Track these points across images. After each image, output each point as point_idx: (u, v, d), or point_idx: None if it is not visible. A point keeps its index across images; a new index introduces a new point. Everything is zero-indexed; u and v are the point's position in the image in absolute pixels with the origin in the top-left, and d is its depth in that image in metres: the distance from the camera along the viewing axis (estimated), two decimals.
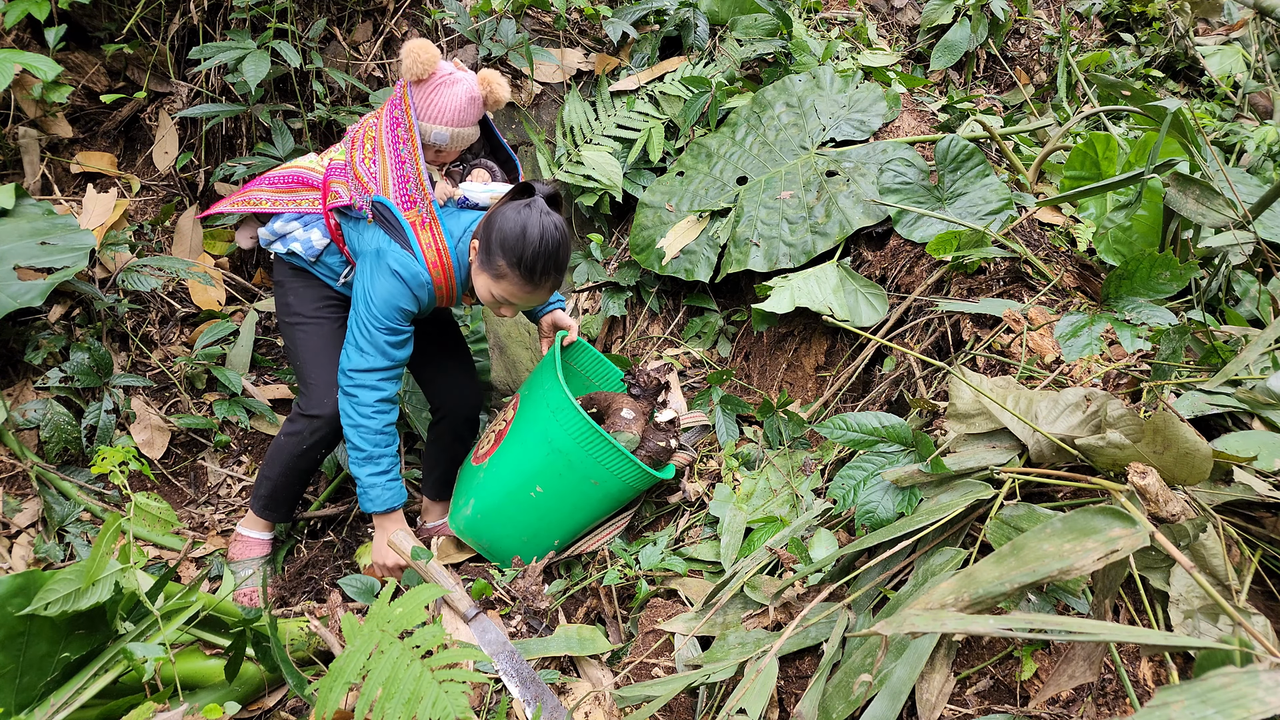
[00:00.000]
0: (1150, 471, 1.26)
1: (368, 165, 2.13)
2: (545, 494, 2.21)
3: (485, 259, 1.99)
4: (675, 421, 2.36)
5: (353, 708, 1.65)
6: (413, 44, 2.07)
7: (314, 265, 2.27)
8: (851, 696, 1.34)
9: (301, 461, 2.27)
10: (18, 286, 2.29)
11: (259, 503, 2.35)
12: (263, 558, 2.37)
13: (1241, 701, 0.78)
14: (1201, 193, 2.03)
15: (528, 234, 1.92)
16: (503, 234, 1.94)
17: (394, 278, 2.04)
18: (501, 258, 1.94)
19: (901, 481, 1.63)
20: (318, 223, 2.24)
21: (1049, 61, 4.64)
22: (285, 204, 2.25)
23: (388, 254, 2.05)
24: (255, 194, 2.30)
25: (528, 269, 1.94)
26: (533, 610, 2.08)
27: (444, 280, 2.11)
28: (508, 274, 1.96)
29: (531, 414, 2.24)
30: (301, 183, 2.26)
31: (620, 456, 2.15)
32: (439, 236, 2.08)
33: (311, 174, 2.26)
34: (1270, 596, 1.33)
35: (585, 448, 2.14)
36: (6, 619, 1.41)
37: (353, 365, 2.09)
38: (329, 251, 2.25)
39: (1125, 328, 1.89)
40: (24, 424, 2.42)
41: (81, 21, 2.90)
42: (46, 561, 2.26)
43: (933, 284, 2.43)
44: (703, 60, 3.44)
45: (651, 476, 2.22)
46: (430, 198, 2.07)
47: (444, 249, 2.08)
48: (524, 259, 1.93)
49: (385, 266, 2.05)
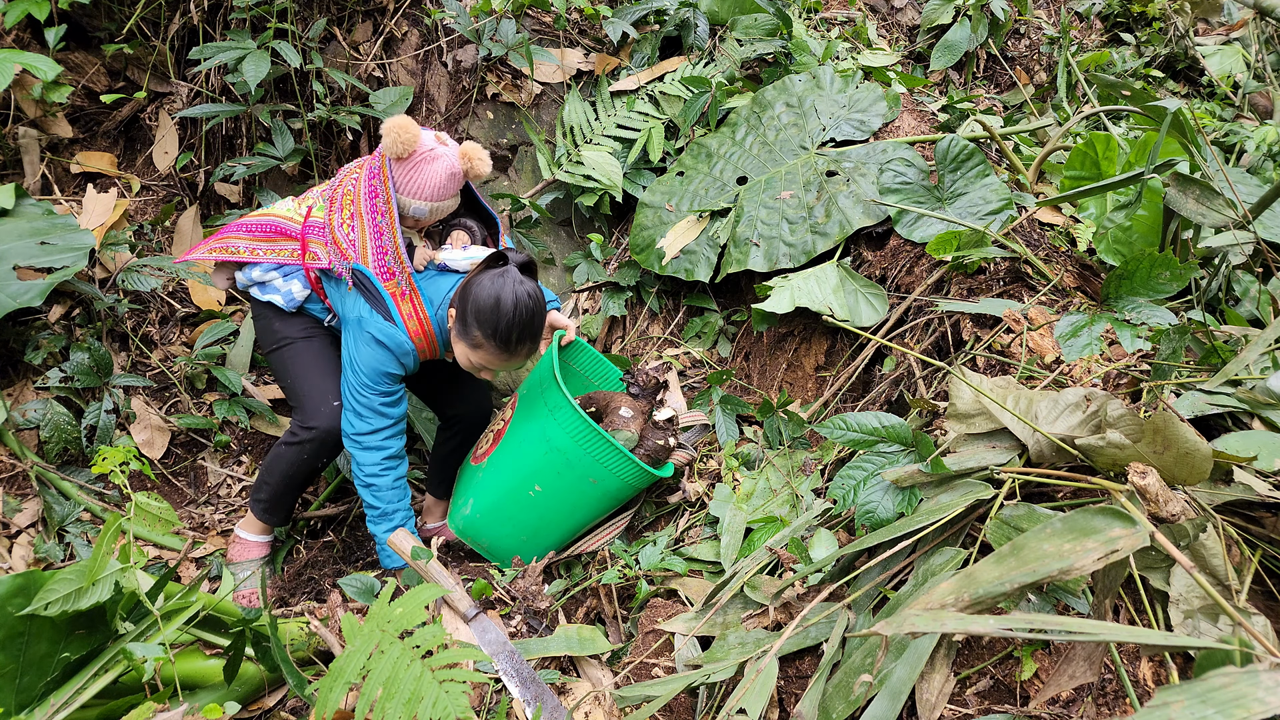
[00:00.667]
0: (1150, 471, 1.26)
1: (346, 231, 2.15)
2: (544, 493, 2.21)
3: (462, 329, 2.04)
4: (674, 420, 2.37)
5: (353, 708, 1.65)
6: (394, 122, 2.09)
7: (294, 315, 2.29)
8: (851, 696, 1.34)
9: (302, 470, 2.28)
10: (17, 286, 2.29)
11: (258, 506, 2.35)
12: (262, 559, 2.38)
13: (1241, 701, 0.78)
14: (1201, 193, 2.03)
15: (501, 305, 1.97)
16: (477, 305, 1.99)
17: (377, 346, 2.09)
18: (477, 329, 2.00)
19: (901, 481, 1.63)
20: (298, 274, 2.24)
21: (1049, 61, 4.64)
22: (264, 254, 2.24)
23: (369, 323, 2.10)
24: (232, 241, 2.28)
25: (503, 339, 2.00)
26: (533, 610, 2.08)
27: (427, 346, 2.17)
28: (484, 344, 2.02)
29: (529, 413, 2.24)
30: (279, 232, 2.25)
31: (619, 455, 2.15)
32: (419, 306, 2.12)
33: (289, 224, 2.25)
34: (1270, 596, 1.33)
35: (583, 446, 2.14)
36: (6, 619, 1.41)
37: (355, 430, 2.14)
38: (310, 301, 2.27)
39: (1125, 328, 1.89)
40: (24, 424, 2.42)
41: (81, 21, 2.90)
42: (46, 561, 2.26)
43: (933, 284, 2.43)
44: (703, 60, 3.44)
45: (650, 475, 2.22)
46: (408, 270, 2.11)
47: (425, 318, 2.13)
48: (499, 329, 1.99)
49: (367, 335, 2.09)
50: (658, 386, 2.41)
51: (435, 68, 3.25)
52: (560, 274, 3.27)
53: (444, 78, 3.25)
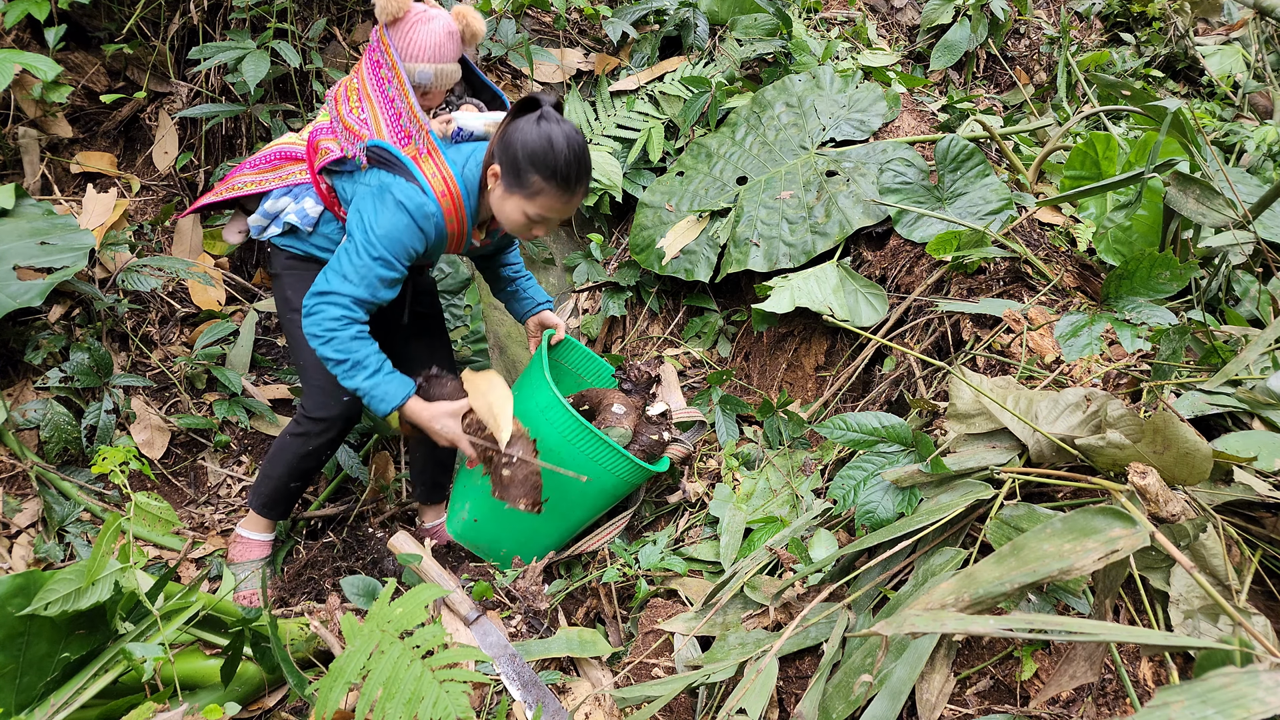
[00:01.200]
0: (1150, 471, 1.26)
1: (356, 114, 2.05)
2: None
3: (515, 180, 1.90)
4: (667, 414, 2.36)
5: (353, 708, 1.65)
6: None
7: (311, 238, 2.16)
8: (851, 696, 1.34)
9: (306, 462, 2.25)
10: (17, 286, 2.29)
11: (258, 500, 2.33)
12: (263, 559, 2.37)
13: (1241, 701, 0.78)
14: (1201, 193, 2.03)
15: (555, 145, 1.86)
16: (529, 150, 1.87)
17: (399, 210, 1.92)
18: (534, 173, 1.87)
19: (901, 481, 1.63)
20: (308, 191, 2.15)
21: (1049, 61, 4.64)
22: (271, 181, 2.17)
23: (392, 187, 1.94)
24: (237, 179, 2.22)
25: (563, 179, 1.88)
26: (533, 611, 2.08)
27: (454, 210, 2.00)
28: (544, 188, 1.89)
29: (521, 414, 2.23)
30: (285, 158, 2.19)
31: (612, 452, 2.14)
32: (442, 165, 1.97)
33: (294, 148, 2.19)
34: (1270, 596, 1.33)
35: (577, 445, 2.14)
36: (6, 619, 1.41)
37: (328, 288, 1.93)
38: (325, 220, 2.15)
39: (1125, 327, 1.89)
40: (24, 424, 2.42)
41: (81, 21, 2.90)
42: (46, 561, 2.26)
43: (933, 284, 2.43)
44: (703, 60, 3.44)
45: (646, 470, 2.22)
46: (426, 128, 1.98)
47: (449, 176, 1.97)
48: (558, 170, 1.87)
49: (389, 199, 1.93)
50: (650, 381, 2.40)
51: None
52: (560, 274, 3.27)
53: None
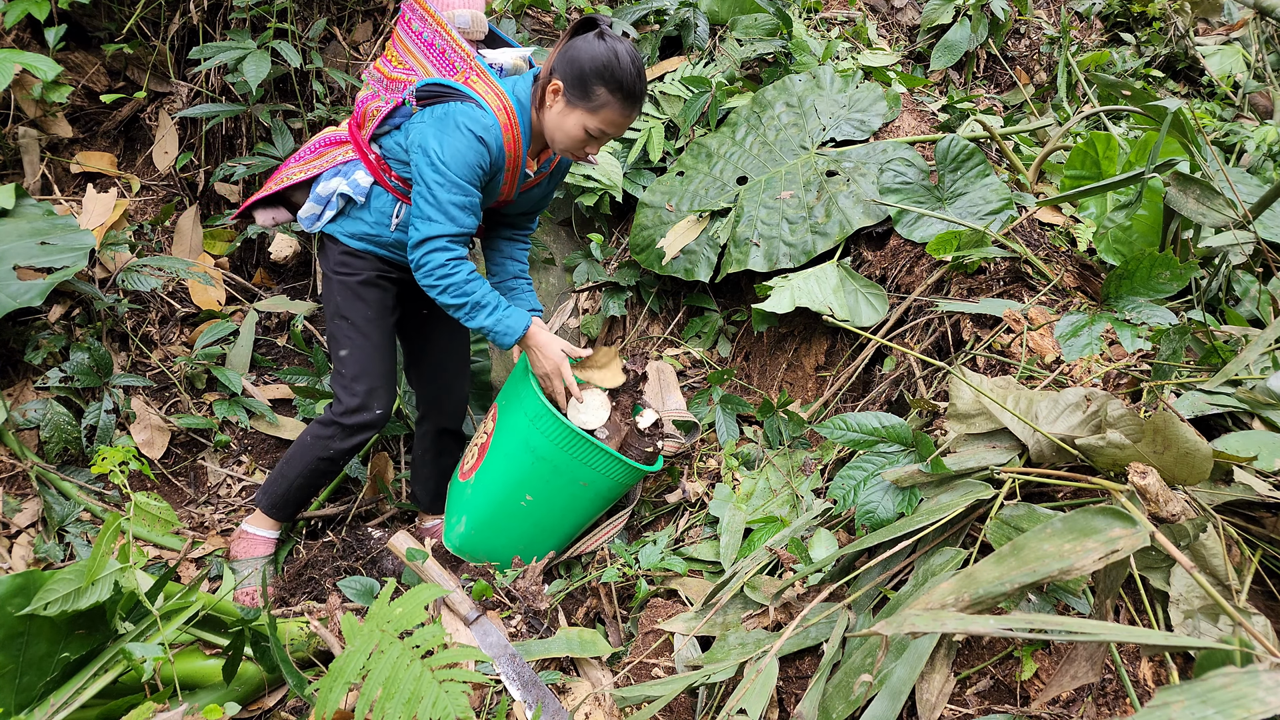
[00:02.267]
0: (1150, 471, 1.25)
1: (402, 68, 2.09)
2: (535, 502, 2.21)
3: (579, 94, 1.94)
4: (658, 424, 2.36)
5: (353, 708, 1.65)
6: None
7: (363, 212, 2.16)
8: (851, 696, 1.34)
9: (324, 465, 2.25)
10: (17, 286, 2.29)
11: (267, 499, 2.33)
12: (265, 557, 2.37)
13: (1242, 702, 0.78)
14: (1202, 192, 2.03)
15: (620, 58, 1.91)
16: (596, 63, 1.91)
17: (461, 131, 1.95)
18: (601, 85, 1.91)
19: (901, 481, 1.63)
20: (358, 165, 2.16)
21: (1049, 61, 4.64)
22: (318, 166, 2.20)
23: (454, 111, 1.97)
24: (286, 172, 2.25)
25: (628, 92, 1.93)
26: (533, 611, 2.08)
27: (509, 126, 2.02)
28: (609, 101, 1.93)
29: (511, 424, 2.22)
30: (330, 143, 2.22)
31: (606, 455, 2.13)
32: (493, 82, 2.01)
33: (337, 132, 2.23)
34: (1270, 596, 1.33)
35: (569, 451, 2.13)
36: (6, 619, 1.41)
37: (420, 236, 2.00)
38: (375, 194, 2.15)
39: (1125, 327, 1.89)
40: (24, 424, 2.42)
41: (81, 21, 2.90)
42: (46, 561, 2.26)
43: (933, 284, 2.43)
44: (703, 60, 3.44)
45: (639, 471, 2.21)
46: (472, 54, 2.02)
47: (502, 93, 2.01)
48: (624, 82, 1.91)
49: (450, 124, 1.96)
50: (637, 379, 2.39)
51: None
52: (560, 274, 3.27)
53: None
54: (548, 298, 3.21)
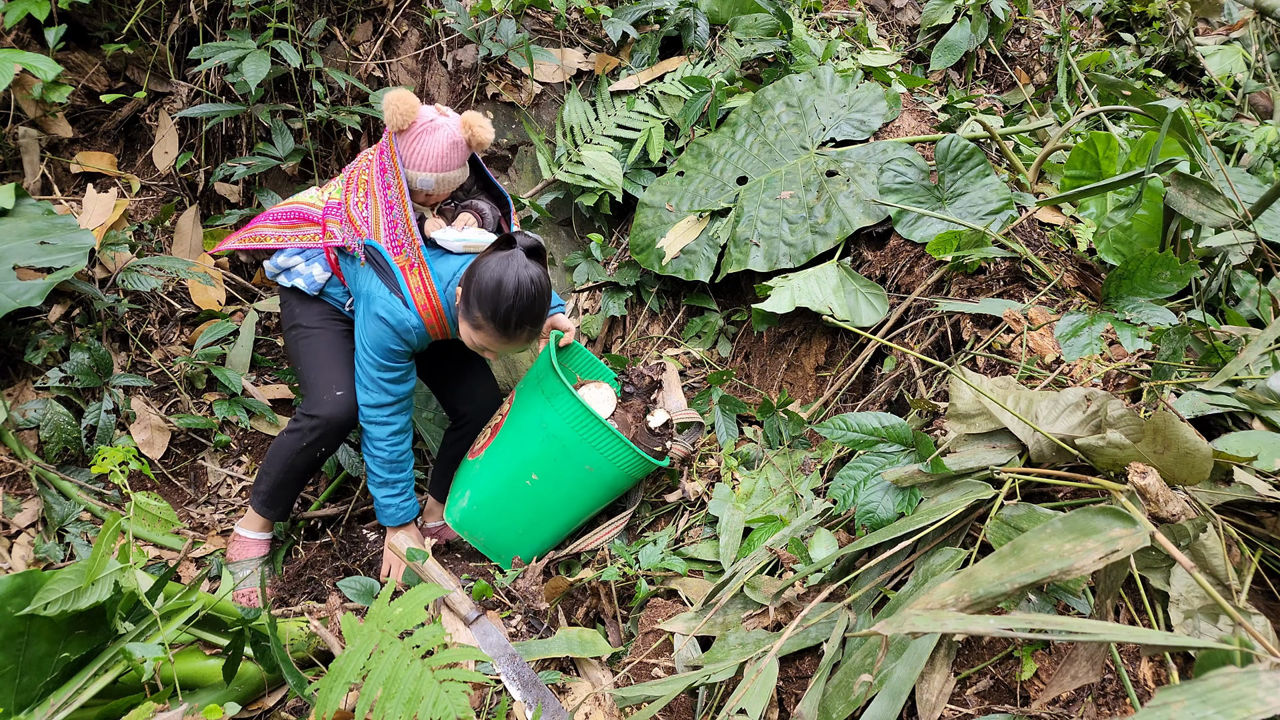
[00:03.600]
0: (1150, 471, 1.25)
1: (360, 209, 2.23)
2: (540, 482, 2.23)
3: (465, 308, 2.06)
4: (669, 424, 2.38)
5: (353, 708, 1.65)
6: (392, 95, 2.15)
7: (319, 298, 2.36)
8: (852, 696, 1.34)
9: (301, 459, 2.28)
10: (17, 286, 2.29)
11: (258, 498, 2.36)
12: (261, 558, 2.38)
13: (1242, 701, 0.78)
14: (1202, 192, 2.03)
15: (503, 288, 1.98)
16: (480, 286, 2.00)
17: (379, 323, 2.13)
18: (478, 309, 2.01)
19: (901, 481, 1.63)
20: (319, 258, 2.33)
21: (1049, 61, 4.64)
22: (288, 239, 2.34)
23: (375, 300, 2.14)
24: (260, 230, 2.40)
25: (502, 322, 2.01)
26: (533, 611, 2.08)
27: (435, 321, 2.19)
28: (484, 325, 2.03)
29: (527, 403, 2.27)
30: (303, 218, 2.35)
31: (616, 441, 2.17)
32: (428, 281, 2.15)
33: (312, 209, 2.36)
34: (1270, 596, 1.33)
35: (580, 432, 2.17)
36: (6, 619, 1.41)
37: (363, 402, 2.22)
38: (331, 284, 2.34)
39: (1125, 327, 1.89)
40: (24, 424, 2.42)
41: (81, 21, 2.90)
42: (46, 561, 2.26)
43: (933, 284, 2.43)
44: (703, 60, 3.44)
45: (648, 463, 2.25)
46: (419, 243, 2.15)
47: (433, 292, 2.15)
48: (498, 312, 1.99)
49: (372, 313, 2.14)
50: (653, 385, 2.42)
51: (435, 68, 3.25)
52: (560, 274, 3.27)
53: (444, 78, 3.25)
54: None
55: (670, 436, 2.37)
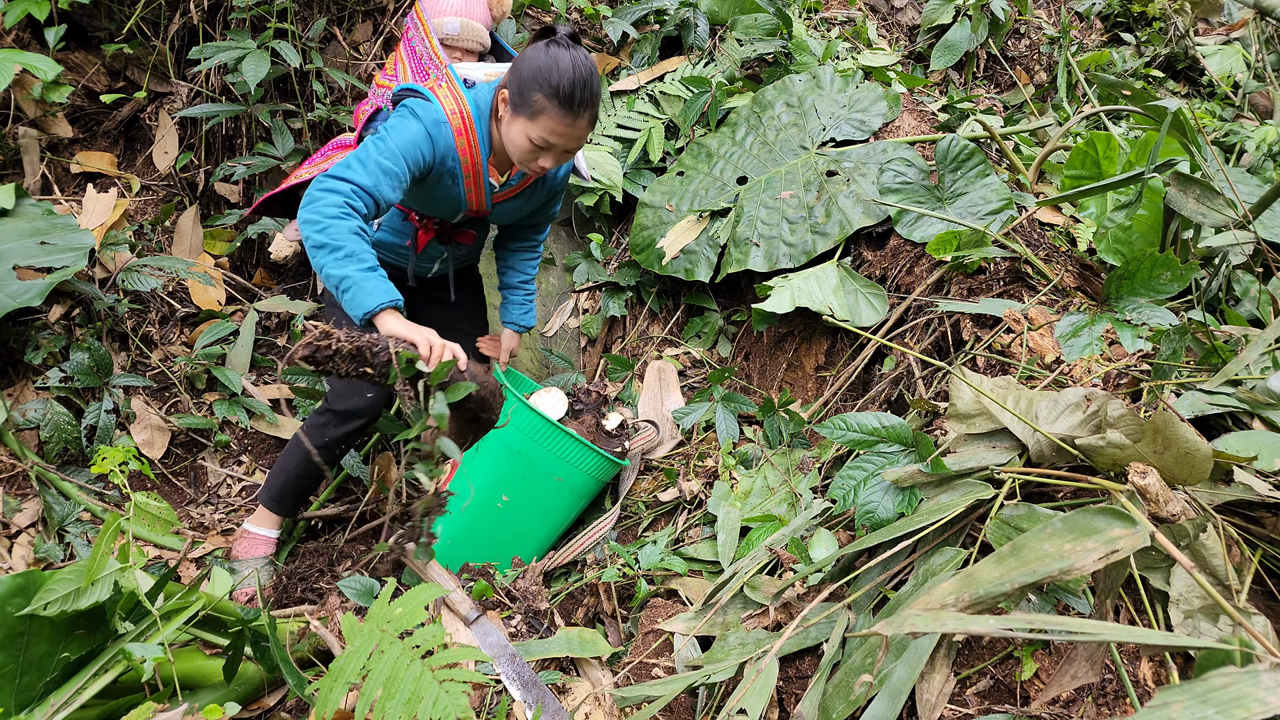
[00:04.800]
0: (1150, 471, 1.25)
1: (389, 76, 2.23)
2: (512, 502, 2.24)
3: (519, 101, 1.90)
4: (624, 424, 2.42)
5: (353, 708, 1.65)
6: None
7: None
8: (852, 696, 1.34)
9: (321, 454, 2.28)
10: (17, 286, 2.29)
11: (268, 493, 2.38)
12: (265, 557, 2.38)
13: (1242, 701, 0.78)
14: (1202, 192, 2.03)
15: (560, 64, 1.85)
16: (535, 68, 1.87)
17: (411, 117, 1.95)
18: (538, 91, 1.86)
19: (901, 481, 1.63)
20: None
21: (1049, 61, 4.64)
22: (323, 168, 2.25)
23: (411, 103, 1.99)
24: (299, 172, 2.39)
25: (566, 97, 1.85)
26: (533, 611, 2.08)
27: (464, 129, 2.00)
28: (546, 107, 1.87)
29: None
30: (337, 147, 2.33)
31: (579, 446, 2.21)
32: (457, 92, 2.02)
33: (345, 136, 2.35)
34: (1270, 596, 1.33)
35: (543, 444, 2.19)
36: (6, 619, 1.41)
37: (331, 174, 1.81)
38: None
39: (1126, 328, 1.89)
40: (24, 424, 2.42)
41: (81, 21, 2.90)
42: (46, 561, 2.26)
43: (933, 284, 2.43)
44: (703, 60, 3.44)
45: (612, 463, 2.30)
46: (444, 61, 2.08)
47: (462, 99, 2.01)
48: (561, 87, 1.84)
49: (405, 110, 1.98)
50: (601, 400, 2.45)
51: None
52: (560, 274, 3.27)
53: None
54: (548, 298, 3.21)
55: (627, 436, 2.41)
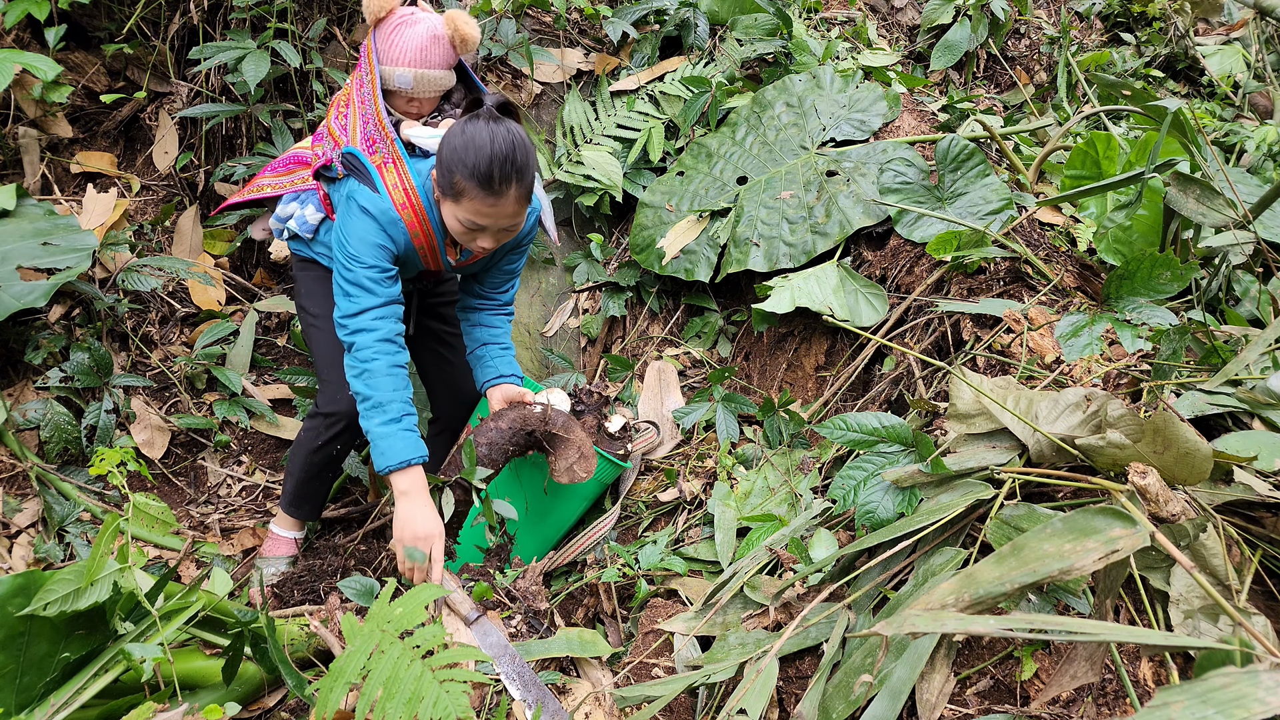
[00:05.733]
0: (1150, 471, 1.25)
1: (340, 121, 2.09)
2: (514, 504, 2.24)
3: (444, 183, 1.84)
4: (626, 427, 2.42)
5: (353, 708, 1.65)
6: None
7: (313, 245, 2.22)
8: (852, 696, 1.34)
9: (318, 457, 2.28)
10: (20, 287, 2.29)
11: (285, 498, 2.39)
12: (287, 557, 2.39)
13: (1242, 702, 0.78)
14: (1202, 192, 2.03)
15: (475, 142, 1.77)
16: (452, 148, 1.80)
17: (364, 215, 1.92)
18: (458, 173, 1.79)
19: (901, 481, 1.63)
20: (312, 198, 2.18)
21: (1049, 61, 4.64)
22: (284, 186, 2.24)
23: (356, 194, 1.95)
24: (259, 181, 2.33)
25: (484, 177, 1.77)
26: (533, 611, 2.08)
27: (417, 222, 1.96)
28: (466, 188, 1.80)
29: None
30: (298, 162, 2.25)
31: None
32: (405, 175, 1.94)
33: (305, 152, 2.26)
34: (1270, 596, 1.33)
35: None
36: (6, 619, 1.41)
37: (342, 313, 1.93)
38: (325, 229, 2.19)
39: (1126, 328, 1.89)
40: (24, 424, 2.42)
41: (81, 21, 2.90)
42: (46, 561, 2.26)
43: (933, 284, 2.43)
44: (703, 60, 3.44)
45: (615, 465, 2.30)
46: (391, 136, 1.97)
47: (411, 187, 1.94)
48: (478, 167, 1.77)
49: (354, 206, 1.94)
50: (603, 401, 2.44)
51: None
52: (560, 274, 3.27)
53: None
54: (548, 297, 3.21)
55: (630, 439, 2.41)
